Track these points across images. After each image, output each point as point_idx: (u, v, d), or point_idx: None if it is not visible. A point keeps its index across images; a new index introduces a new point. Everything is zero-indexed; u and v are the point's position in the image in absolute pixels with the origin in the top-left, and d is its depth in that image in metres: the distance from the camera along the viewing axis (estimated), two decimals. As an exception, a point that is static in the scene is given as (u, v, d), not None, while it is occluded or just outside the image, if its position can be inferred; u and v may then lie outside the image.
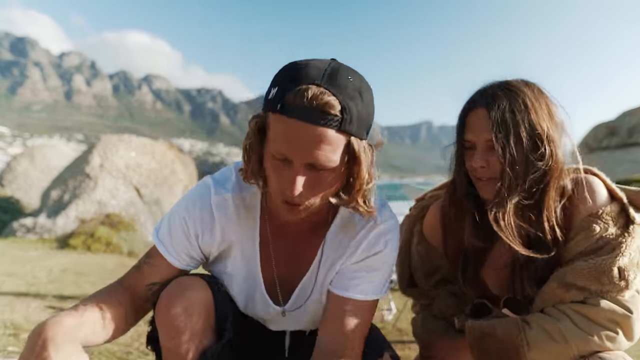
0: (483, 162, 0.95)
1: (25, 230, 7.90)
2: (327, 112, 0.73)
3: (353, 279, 0.93)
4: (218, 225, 0.93)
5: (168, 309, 0.89)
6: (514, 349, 0.90)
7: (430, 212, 1.19)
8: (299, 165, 0.76)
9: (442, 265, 1.16)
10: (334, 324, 0.93)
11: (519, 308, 1.00)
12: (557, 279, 0.92)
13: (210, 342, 0.92)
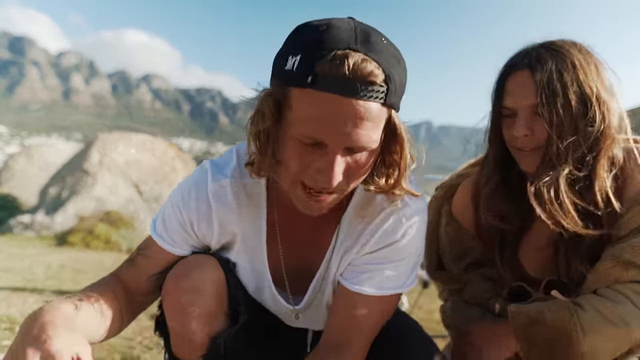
0: (526, 130, 0.86)
1: (22, 227, 7.79)
2: (373, 82, 0.61)
3: (365, 272, 0.82)
4: (215, 216, 0.83)
5: (176, 288, 0.80)
6: (566, 335, 0.80)
7: (461, 191, 1.11)
8: (337, 149, 0.64)
9: (474, 248, 1.07)
10: (341, 317, 0.83)
11: (563, 291, 0.91)
12: (612, 257, 0.83)
13: (222, 326, 0.83)
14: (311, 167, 0.66)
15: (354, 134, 0.63)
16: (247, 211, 0.84)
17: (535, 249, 0.98)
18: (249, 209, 0.84)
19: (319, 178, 0.66)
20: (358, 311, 0.81)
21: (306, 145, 0.65)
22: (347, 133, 0.63)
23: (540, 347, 0.84)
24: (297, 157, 0.67)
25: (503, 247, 1.01)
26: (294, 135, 0.65)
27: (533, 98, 0.84)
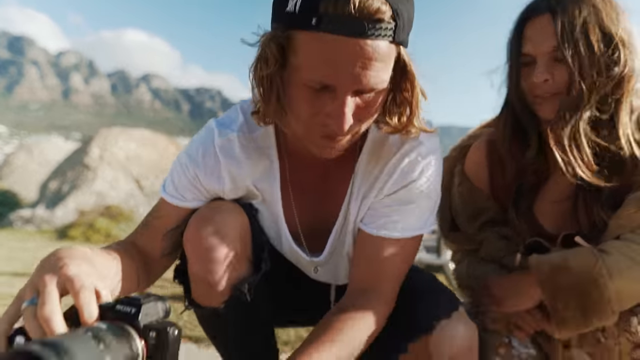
0: (547, 75, 0.85)
1: (23, 222, 7.77)
2: (380, 19, 0.59)
3: (386, 215, 0.80)
4: (225, 170, 0.80)
5: (198, 231, 0.77)
6: (592, 280, 0.79)
7: (474, 150, 1.09)
8: (346, 92, 0.62)
9: (488, 207, 1.05)
10: (365, 264, 0.81)
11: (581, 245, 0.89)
12: (635, 203, 0.82)
13: (245, 273, 0.81)
14: (321, 112, 0.65)
15: (363, 75, 0.61)
16: (257, 164, 0.82)
17: (552, 202, 0.96)
18: (259, 162, 0.82)
19: (330, 123, 0.65)
20: (382, 256, 0.79)
21: (314, 91, 0.63)
22: (356, 75, 0.61)
23: (565, 294, 0.82)
24: (306, 103, 0.65)
25: (519, 201, 1.00)
26: (301, 81, 0.63)
27: (553, 41, 0.83)
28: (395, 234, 0.78)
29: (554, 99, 0.86)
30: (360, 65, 0.60)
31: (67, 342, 0.41)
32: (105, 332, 0.47)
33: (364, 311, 0.75)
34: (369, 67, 0.60)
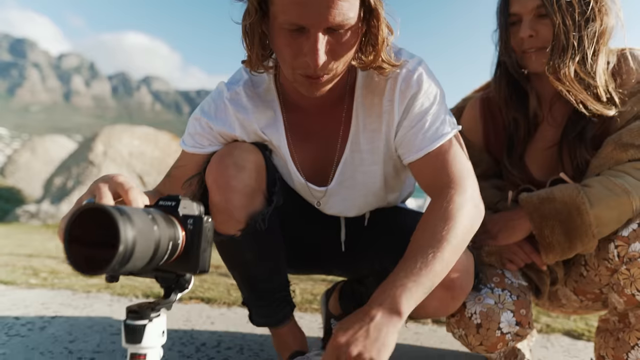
0: (531, 31, 0.95)
1: (28, 216, 7.86)
2: None
3: (415, 138, 0.83)
4: (234, 118, 0.89)
5: (219, 164, 0.86)
6: (575, 207, 0.88)
7: (469, 108, 1.19)
8: (317, 30, 0.69)
9: (482, 160, 1.15)
10: (433, 181, 0.83)
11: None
12: (612, 142, 0.92)
13: (260, 205, 0.90)
14: (300, 53, 0.72)
15: (329, 13, 0.68)
16: (263, 113, 0.90)
17: (541, 150, 1.06)
18: (264, 112, 0.90)
19: (307, 61, 0.71)
20: (439, 167, 0.81)
21: (291, 33, 0.71)
22: (323, 14, 0.67)
23: (551, 221, 0.92)
24: (287, 46, 0.72)
25: (511, 151, 1.09)
26: (279, 25, 0.71)
27: (537, 1, 0.93)
28: (435, 145, 0.82)
29: (539, 53, 0.96)
30: (326, 4, 0.67)
31: (128, 209, 0.50)
32: (156, 213, 0.57)
33: (447, 204, 0.77)
34: (333, 5, 0.67)
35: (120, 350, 1.20)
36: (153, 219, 0.54)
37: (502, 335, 0.92)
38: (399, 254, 0.91)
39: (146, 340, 0.61)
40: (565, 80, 0.90)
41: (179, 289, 0.65)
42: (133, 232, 0.47)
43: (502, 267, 1.03)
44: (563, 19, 0.91)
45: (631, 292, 0.88)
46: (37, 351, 1.16)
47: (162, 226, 0.55)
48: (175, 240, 0.58)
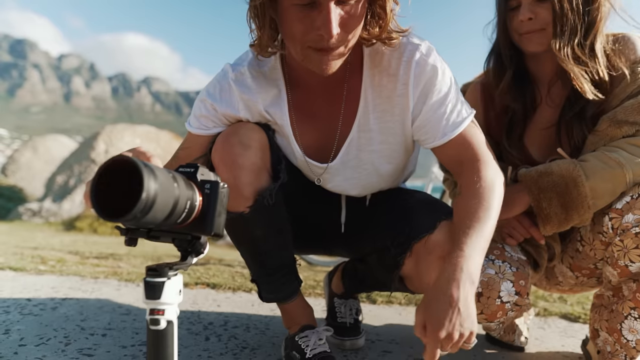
0: (530, 14, 0.98)
1: (31, 214, 7.90)
2: None
3: (439, 123, 0.86)
4: (239, 98, 0.92)
5: (225, 142, 0.90)
6: (571, 180, 0.92)
7: (469, 92, 1.22)
8: (328, 2, 0.72)
9: None
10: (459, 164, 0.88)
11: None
12: (607, 120, 0.96)
13: (266, 182, 0.93)
14: (312, 28, 0.74)
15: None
16: (267, 92, 0.92)
17: (540, 131, 1.10)
18: (269, 90, 0.92)
19: (321, 33, 0.73)
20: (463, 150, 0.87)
21: (302, 8, 0.73)
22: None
23: (549, 193, 0.95)
24: (299, 22, 0.74)
25: (510, 133, 1.13)
26: (290, 2, 0.73)
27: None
28: (457, 132, 0.86)
29: (538, 34, 1.00)
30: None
31: (152, 165, 0.54)
32: (177, 174, 0.60)
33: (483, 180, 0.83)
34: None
35: (131, 328, 1.24)
36: (174, 178, 0.58)
37: (502, 304, 0.96)
38: (400, 232, 0.95)
39: (164, 296, 0.65)
40: (567, 61, 0.94)
41: (195, 253, 0.69)
42: (156, 184, 0.51)
43: (502, 242, 1.06)
44: (561, 1, 0.95)
45: (624, 263, 0.92)
46: (51, 327, 1.19)
47: (182, 186, 0.59)
48: (193, 202, 0.61)
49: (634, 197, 0.90)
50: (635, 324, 0.94)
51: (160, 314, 0.65)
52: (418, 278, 0.95)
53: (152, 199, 0.51)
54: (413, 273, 0.95)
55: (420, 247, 0.91)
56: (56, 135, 14.04)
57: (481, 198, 0.81)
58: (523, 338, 1.23)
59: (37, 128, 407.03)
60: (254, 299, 1.66)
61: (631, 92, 0.96)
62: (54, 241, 4.13)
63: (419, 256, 0.92)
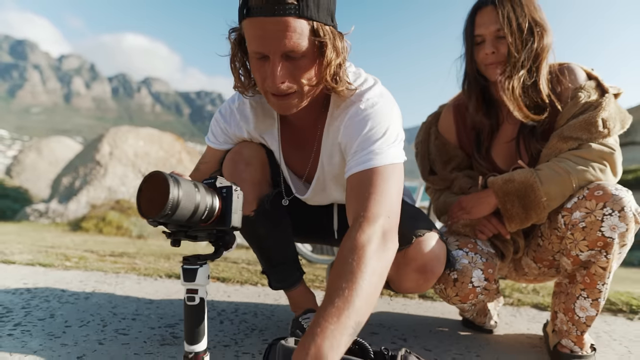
0: (493, 49, 1.18)
1: (37, 215, 8.09)
2: (284, 2, 0.80)
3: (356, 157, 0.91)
4: (243, 125, 1.10)
5: (231, 162, 1.11)
6: (529, 186, 1.12)
7: (444, 114, 1.42)
8: (275, 56, 0.83)
9: (457, 155, 1.38)
10: (357, 199, 0.87)
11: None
12: (557, 136, 1.15)
13: (266, 191, 1.14)
14: (266, 77, 0.87)
15: (283, 42, 0.82)
16: (263, 122, 1.11)
17: (503, 143, 1.29)
18: (265, 120, 1.11)
19: (269, 81, 0.86)
20: (371, 185, 0.86)
21: (258, 61, 0.86)
22: (277, 42, 0.82)
23: (512, 197, 1.16)
24: (257, 72, 0.88)
25: (479, 147, 1.33)
26: (251, 55, 0.87)
27: (497, 25, 1.16)
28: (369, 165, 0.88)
29: (498, 65, 1.19)
30: (279, 35, 0.82)
31: (179, 178, 0.74)
32: (199, 184, 0.80)
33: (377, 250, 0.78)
34: (285, 36, 0.82)
35: (155, 314, 1.43)
36: (195, 185, 0.77)
37: (473, 288, 1.15)
38: None
39: (198, 279, 0.84)
40: (506, 92, 1.15)
41: (225, 247, 0.88)
42: (180, 190, 0.71)
43: (474, 237, 1.26)
44: (514, 40, 1.15)
45: (576, 253, 1.11)
46: (88, 313, 1.39)
47: (202, 192, 0.79)
48: (213, 204, 0.81)
49: (579, 197, 1.10)
50: (585, 302, 1.14)
51: (195, 293, 0.85)
52: (398, 282, 1.11)
53: (177, 201, 0.70)
54: (395, 278, 1.12)
55: (400, 257, 1.04)
56: (60, 137, 14.24)
57: (354, 255, 0.74)
58: (493, 322, 1.42)
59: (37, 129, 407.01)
60: (260, 290, 1.85)
61: (574, 113, 1.15)
62: (65, 240, 4.32)
63: (399, 265, 1.07)
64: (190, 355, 0.84)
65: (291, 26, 0.82)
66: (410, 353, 0.83)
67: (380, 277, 0.76)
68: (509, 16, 1.15)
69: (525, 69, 1.16)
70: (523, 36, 1.15)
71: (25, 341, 1.11)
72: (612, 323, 1.58)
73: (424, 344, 1.26)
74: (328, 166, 1.07)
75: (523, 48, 1.16)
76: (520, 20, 1.15)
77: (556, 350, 1.19)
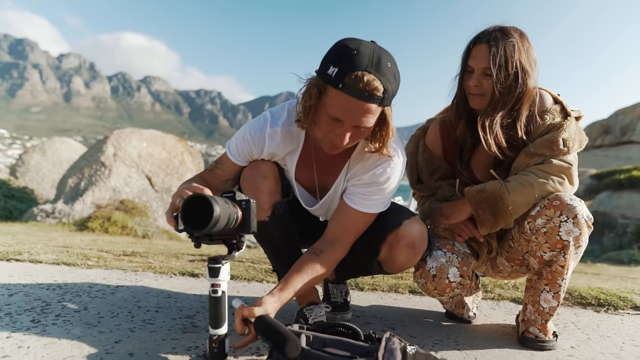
0: (477, 82, 1.35)
1: (44, 215, 8.27)
2: (375, 94, 1.03)
3: (361, 198, 1.27)
4: (267, 149, 1.31)
5: (251, 173, 1.31)
6: (498, 195, 1.31)
7: (432, 128, 1.61)
8: (349, 126, 1.08)
9: (442, 166, 1.57)
10: (340, 223, 1.29)
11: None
12: (524, 152, 1.34)
13: (279, 199, 1.34)
14: (332, 132, 1.12)
15: (361, 120, 1.08)
16: (288, 146, 1.32)
17: (482, 158, 1.48)
18: (290, 144, 1.32)
19: (337, 139, 1.12)
20: (352, 220, 1.28)
21: (332, 120, 1.09)
22: (357, 119, 1.07)
23: (483, 204, 1.35)
24: (326, 126, 1.12)
25: (461, 158, 1.51)
26: (326, 113, 1.09)
27: (486, 63, 1.31)
28: (364, 210, 1.28)
29: (480, 98, 1.36)
30: (361, 115, 1.07)
31: (216, 197, 0.93)
32: (228, 200, 0.99)
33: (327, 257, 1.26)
34: (365, 116, 1.07)
35: (175, 306, 1.62)
36: (226, 202, 0.96)
37: (449, 283, 1.34)
38: (377, 227, 1.34)
39: (221, 275, 1.03)
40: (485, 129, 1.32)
41: (237, 249, 1.07)
42: (219, 207, 0.90)
43: (453, 239, 1.45)
44: (499, 81, 1.31)
45: (540, 254, 1.31)
46: (116, 306, 1.58)
47: (230, 206, 0.98)
48: (237, 214, 1.00)
49: (541, 207, 1.29)
50: (548, 295, 1.34)
51: (218, 287, 1.04)
52: (391, 261, 1.35)
53: (218, 217, 0.90)
54: (387, 258, 1.35)
55: (392, 238, 1.32)
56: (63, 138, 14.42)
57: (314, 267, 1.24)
58: (471, 313, 1.62)
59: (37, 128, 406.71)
60: (266, 286, 2.04)
61: (540, 132, 1.35)
62: (75, 240, 4.50)
63: (392, 244, 1.33)
64: (214, 337, 1.04)
65: (372, 111, 1.07)
66: (393, 335, 1.02)
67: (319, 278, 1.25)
68: (499, 59, 1.29)
69: (505, 110, 1.32)
70: (509, 80, 1.30)
71: (68, 329, 1.30)
72: (580, 315, 1.77)
73: (410, 332, 1.45)
74: (334, 193, 1.36)
75: (506, 90, 1.30)
76: (508, 64, 1.29)
77: (524, 336, 1.38)
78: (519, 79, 1.30)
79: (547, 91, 1.41)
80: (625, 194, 12.44)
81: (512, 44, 1.30)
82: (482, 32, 1.36)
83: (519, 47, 1.30)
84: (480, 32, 1.36)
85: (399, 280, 2.24)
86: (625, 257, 6.21)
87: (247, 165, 1.35)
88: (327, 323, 1.11)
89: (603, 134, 23.56)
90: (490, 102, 1.33)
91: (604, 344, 1.43)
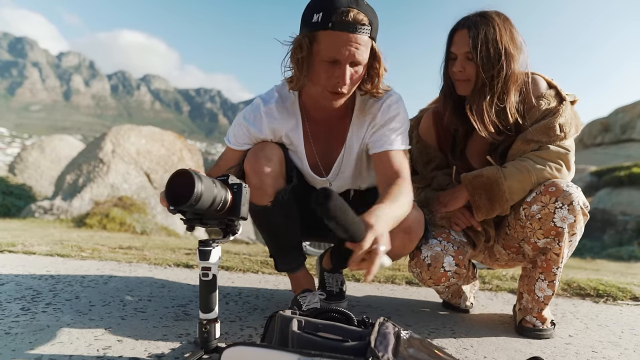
0: (461, 68, 1.32)
1: (42, 212, 8.25)
2: (363, 25, 1.08)
3: (383, 140, 1.23)
4: (267, 126, 1.29)
5: (254, 157, 1.27)
6: (495, 181, 1.29)
7: (425, 118, 1.58)
8: (345, 63, 1.09)
9: (436, 156, 1.54)
10: (385, 174, 1.21)
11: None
12: (521, 139, 1.32)
13: (282, 184, 1.30)
14: (332, 77, 1.11)
15: (355, 53, 1.09)
16: (288, 122, 1.30)
17: (476, 146, 1.45)
18: (289, 120, 1.30)
19: (338, 82, 1.11)
20: (390, 164, 1.21)
21: (328, 64, 1.10)
22: (351, 53, 1.08)
23: (480, 190, 1.32)
24: (324, 72, 1.12)
25: (455, 147, 1.49)
26: (321, 59, 1.10)
27: (467, 48, 1.29)
28: (392, 148, 1.23)
29: (465, 83, 1.33)
30: (354, 48, 1.08)
31: (201, 175, 0.90)
32: (216, 180, 0.97)
33: (403, 187, 1.15)
34: (357, 49, 1.08)
35: (168, 296, 1.60)
36: (213, 181, 0.94)
37: (445, 272, 1.32)
38: None
39: (211, 258, 1.01)
40: (473, 111, 1.30)
41: (232, 233, 1.05)
42: (202, 185, 0.88)
43: (450, 228, 1.43)
44: (483, 65, 1.28)
45: (534, 241, 1.29)
46: (108, 295, 1.56)
47: (219, 187, 0.96)
48: (226, 197, 0.98)
49: (537, 193, 1.27)
50: (543, 284, 1.31)
51: (209, 270, 1.01)
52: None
53: (200, 193, 0.87)
54: None
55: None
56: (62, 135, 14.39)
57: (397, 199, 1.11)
58: (468, 302, 1.60)
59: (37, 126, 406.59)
60: (261, 277, 2.02)
61: (536, 118, 1.32)
62: (72, 236, 4.48)
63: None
64: (204, 322, 1.01)
65: (363, 42, 1.09)
66: (387, 321, 1.00)
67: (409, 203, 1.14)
68: (479, 42, 1.26)
69: (494, 93, 1.29)
70: (491, 62, 1.27)
71: (58, 316, 1.28)
72: (579, 305, 1.76)
73: (405, 321, 1.43)
74: (348, 155, 1.33)
75: (490, 73, 1.28)
76: (489, 47, 1.26)
77: (521, 325, 1.36)
78: (502, 61, 1.27)
79: (540, 76, 1.39)
80: (625, 191, 12.41)
81: (493, 26, 1.28)
82: (463, 18, 1.33)
83: (500, 30, 1.28)
84: (462, 18, 1.34)
85: (396, 271, 2.23)
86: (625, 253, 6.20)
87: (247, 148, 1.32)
88: (320, 309, 1.09)
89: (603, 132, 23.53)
90: (475, 87, 1.31)
91: (603, 332, 1.41)
